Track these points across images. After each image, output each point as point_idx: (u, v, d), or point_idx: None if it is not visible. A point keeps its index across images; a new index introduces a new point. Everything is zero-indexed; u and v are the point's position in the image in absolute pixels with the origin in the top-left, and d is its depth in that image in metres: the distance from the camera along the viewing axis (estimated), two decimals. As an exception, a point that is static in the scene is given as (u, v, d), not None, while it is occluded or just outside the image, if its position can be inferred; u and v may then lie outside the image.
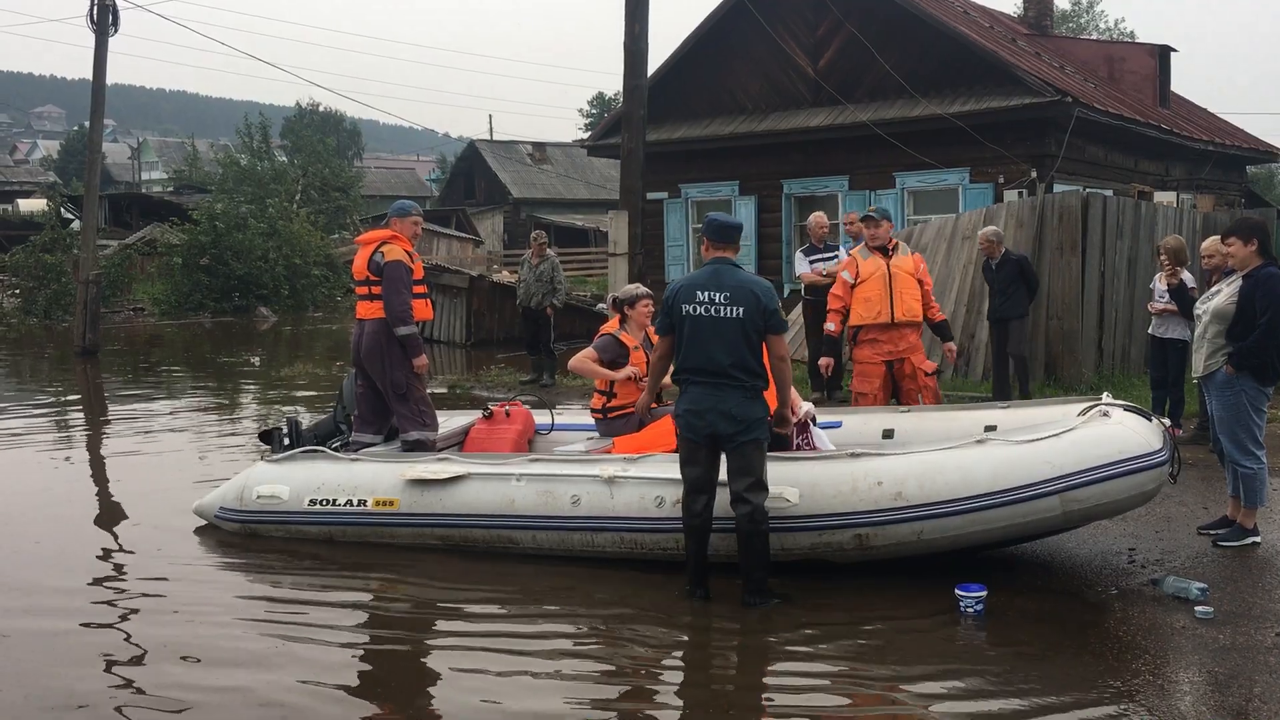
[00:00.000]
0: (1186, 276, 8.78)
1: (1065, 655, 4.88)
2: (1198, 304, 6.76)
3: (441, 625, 5.65)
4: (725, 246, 5.67)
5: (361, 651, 5.26)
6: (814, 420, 6.73)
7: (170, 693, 4.71)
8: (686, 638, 5.38)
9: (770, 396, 5.70)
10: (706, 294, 5.48)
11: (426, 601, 5.93)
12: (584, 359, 7.29)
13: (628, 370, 7.20)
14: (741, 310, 5.44)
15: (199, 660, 5.06)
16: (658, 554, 6.04)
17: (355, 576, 6.26)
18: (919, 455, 5.79)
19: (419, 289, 7.44)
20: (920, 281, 8.12)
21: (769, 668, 5.05)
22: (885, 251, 8.10)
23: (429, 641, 5.49)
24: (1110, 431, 5.63)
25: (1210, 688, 4.52)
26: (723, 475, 5.61)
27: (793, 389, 6.82)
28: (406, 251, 7.40)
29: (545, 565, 6.24)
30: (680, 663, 5.16)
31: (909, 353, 8.05)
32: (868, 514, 5.63)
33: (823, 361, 8.36)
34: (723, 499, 5.60)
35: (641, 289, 7.67)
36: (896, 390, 8.17)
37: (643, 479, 6.05)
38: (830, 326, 8.20)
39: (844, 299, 8.11)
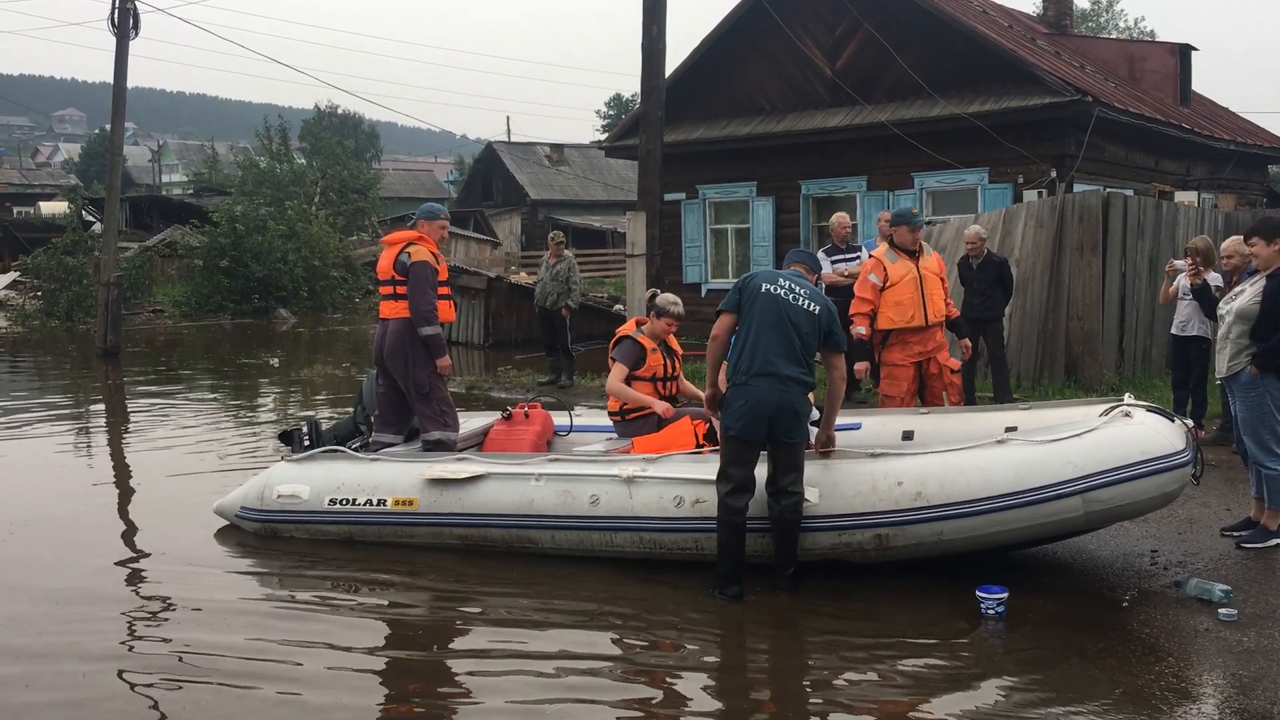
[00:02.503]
0: (1212, 276, 8.72)
1: (1087, 657, 4.85)
2: (1221, 304, 6.71)
3: (461, 625, 5.67)
4: (805, 268, 6.10)
5: (383, 652, 5.28)
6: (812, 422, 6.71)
7: (189, 693, 4.74)
8: (705, 638, 5.37)
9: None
10: (788, 283, 5.80)
11: (446, 601, 5.94)
12: (618, 382, 7.26)
13: (660, 405, 7.13)
14: (817, 308, 5.77)
15: (218, 662, 5.07)
16: (677, 554, 6.04)
17: (375, 576, 6.28)
18: (940, 455, 5.77)
19: (443, 290, 7.47)
20: (942, 280, 8.13)
21: (789, 666, 5.04)
22: (912, 254, 8.01)
23: (449, 642, 5.50)
24: (1133, 432, 5.60)
25: (1234, 690, 4.49)
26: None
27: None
28: (432, 253, 7.43)
29: (564, 565, 6.25)
30: (699, 663, 5.15)
31: (936, 351, 8.03)
32: (888, 514, 5.61)
33: (861, 366, 8.15)
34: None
35: (678, 310, 7.44)
36: (921, 389, 8.13)
37: (662, 479, 6.05)
38: (861, 330, 7.99)
39: (873, 302, 7.95)
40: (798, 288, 5.79)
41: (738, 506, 5.61)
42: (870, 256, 8.39)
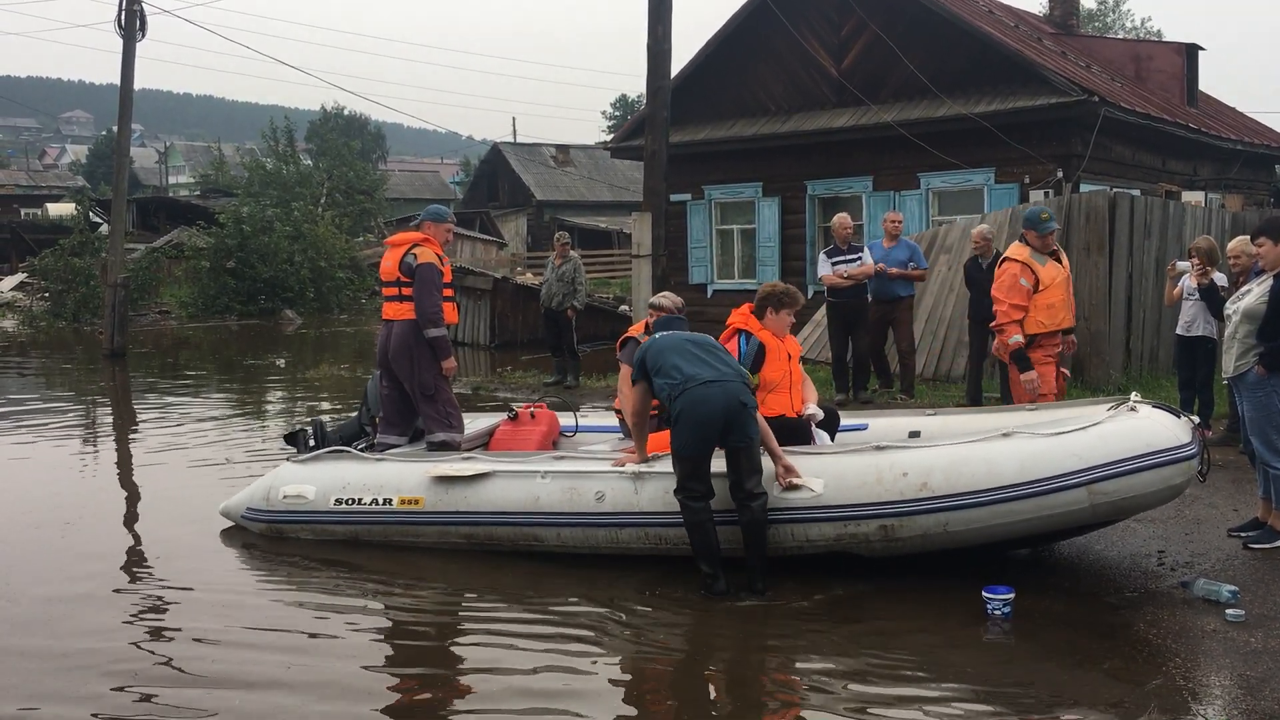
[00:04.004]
0: (1217, 276, 8.71)
1: (1093, 658, 4.84)
2: (1228, 304, 6.69)
3: (463, 625, 5.67)
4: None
5: (386, 653, 5.29)
6: (814, 422, 6.69)
7: (191, 694, 4.75)
8: (711, 636, 5.37)
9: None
10: (685, 332, 6.14)
11: (448, 602, 5.95)
12: (627, 386, 7.24)
13: (640, 450, 7.09)
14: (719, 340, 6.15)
15: (220, 663, 5.08)
16: (682, 549, 6.01)
17: (381, 576, 6.28)
18: (945, 447, 5.78)
19: (446, 292, 7.47)
20: None
21: (792, 668, 5.03)
22: (1054, 255, 7.57)
23: (450, 643, 5.50)
24: (1138, 425, 5.61)
25: (1241, 691, 4.47)
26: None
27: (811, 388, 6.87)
28: (437, 255, 7.44)
29: (564, 566, 6.24)
30: (707, 661, 5.15)
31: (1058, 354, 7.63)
32: (893, 504, 5.62)
33: (1030, 376, 7.36)
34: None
35: (664, 301, 7.46)
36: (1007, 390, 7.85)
37: (668, 474, 6.01)
38: (1019, 339, 7.37)
39: (1027, 307, 7.41)
40: (696, 335, 6.09)
41: (701, 507, 5.72)
42: (1010, 260, 7.58)
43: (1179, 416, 5.88)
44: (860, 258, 10.93)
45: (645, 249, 14.27)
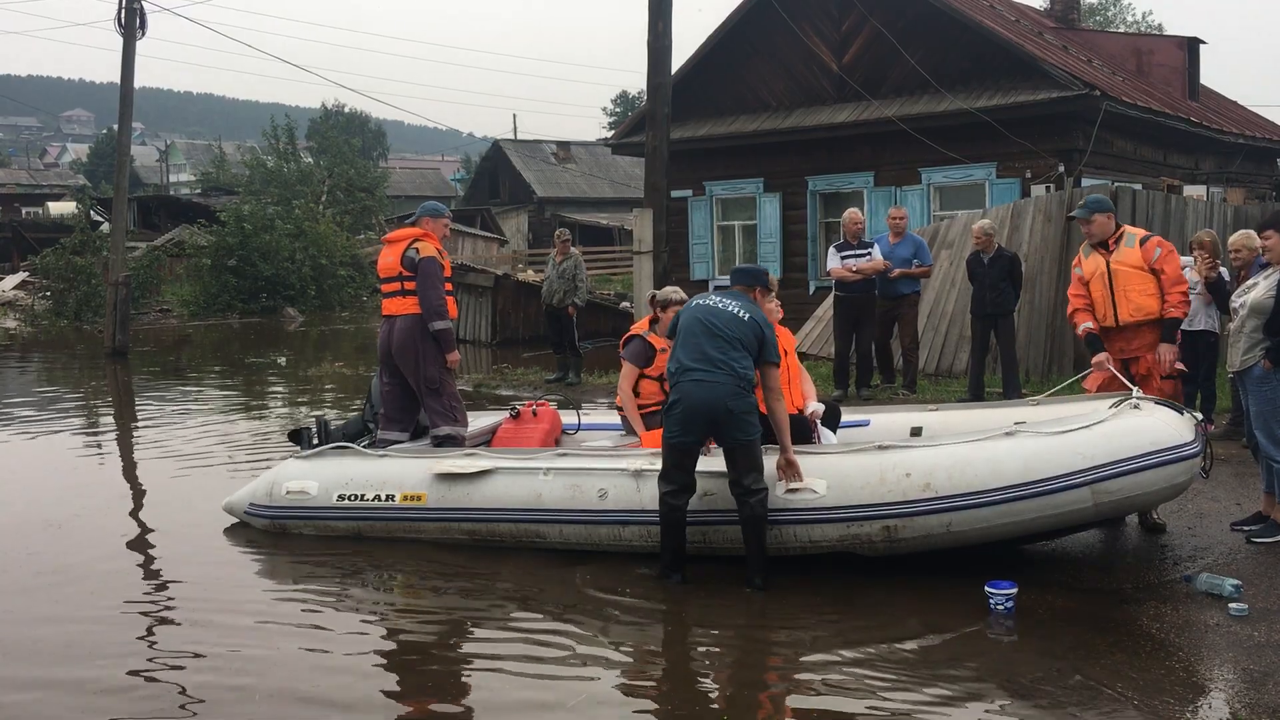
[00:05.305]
0: (1222, 270, 8.70)
1: (1097, 653, 4.83)
2: (1234, 297, 6.67)
3: (468, 623, 5.66)
4: (743, 286, 6.13)
5: (389, 648, 5.29)
6: (819, 420, 6.68)
7: (194, 689, 4.75)
8: (711, 632, 5.37)
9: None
10: (718, 297, 5.98)
11: (453, 599, 5.94)
12: (626, 385, 7.31)
13: (641, 434, 7.11)
14: (746, 315, 5.83)
15: (223, 658, 5.08)
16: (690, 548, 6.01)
17: (382, 574, 6.30)
18: (948, 447, 5.76)
19: (447, 286, 7.47)
20: (1157, 271, 6.87)
21: (794, 663, 5.02)
22: (1106, 247, 7.02)
23: (455, 639, 5.49)
24: (1141, 423, 5.59)
25: (1245, 685, 4.47)
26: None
27: (810, 384, 6.84)
28: (437, 249, 7.44)
29: (571, 560, 6.24)
30: (706, 657, 5.15)
31: (1143, 351, 6.98)
32: (896, 505, 5.61)
33: (1099, 358, 6.93)
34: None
35: (677, 294, 7.48)
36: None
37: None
38: (1088, 325, 7.00)
39: (1085, 296, 7.05)
40: (728, 299, 5.93)
41: (678, 505, 5.78)
42: (1082, 257, 7.21)
43: (1182, 414, 5.86)
44: (870, 253, 10.92)
45: (647, 245, 14.27)
